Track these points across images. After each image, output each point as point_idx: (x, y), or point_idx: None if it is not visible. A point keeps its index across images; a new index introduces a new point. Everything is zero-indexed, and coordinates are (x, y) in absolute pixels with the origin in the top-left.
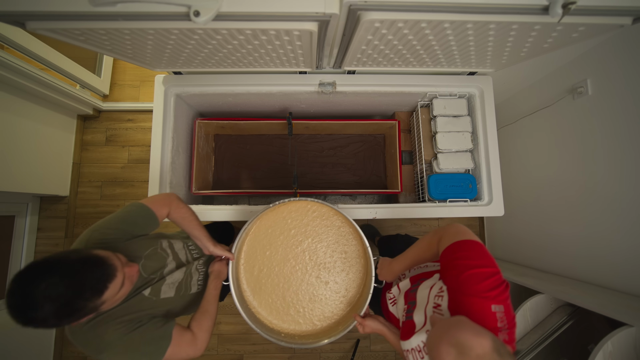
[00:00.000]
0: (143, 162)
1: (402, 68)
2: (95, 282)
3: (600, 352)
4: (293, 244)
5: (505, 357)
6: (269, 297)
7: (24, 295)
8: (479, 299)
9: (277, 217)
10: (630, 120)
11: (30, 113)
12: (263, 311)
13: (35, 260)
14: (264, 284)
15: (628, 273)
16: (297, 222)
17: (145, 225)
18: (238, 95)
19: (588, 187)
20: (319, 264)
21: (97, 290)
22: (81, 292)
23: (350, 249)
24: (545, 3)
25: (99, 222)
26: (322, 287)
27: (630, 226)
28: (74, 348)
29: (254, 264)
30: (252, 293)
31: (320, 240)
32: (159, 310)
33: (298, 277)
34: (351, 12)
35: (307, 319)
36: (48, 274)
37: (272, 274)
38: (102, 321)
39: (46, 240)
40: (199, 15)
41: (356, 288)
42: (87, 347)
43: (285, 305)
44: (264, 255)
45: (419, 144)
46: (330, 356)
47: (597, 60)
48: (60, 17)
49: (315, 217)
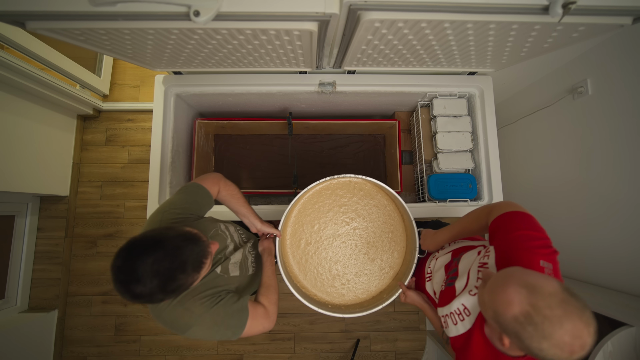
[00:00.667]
0: (143, 162)
1: (402, 68)
2: (195, 257)
3: (600, 352)
4: (344, 221)
5: (576, 296)
6: (315, 270)
7: (132, 271)
8: (528, 253)
9: (325, 194)
10: (631, 120)
11: (30, 113)
12: (308, 284)
13: (136, 237)
14: (311, 257)
15: (628, 273)
16: (346, 200)
17: (205, 205)
18: (238, 95)
19: (588, 187)
20: (369, 242)
21: (197, 265)
22: (184, 267)
23: (397, 228)
24: (545, 3)
25: (166, 204)
26: (368, 264)
27: (630, 226)
28: (74, 348)
29: (301, 237)
30: (297, 266)
31: (371, 220)
32: (231, 287)
33: (347, 253)
34: (351, 12)
35: (352, 292)
36: (152, 249)
37: (321, 248)
38: (187, 296)
39: (46, 240)
40: (199, 15)
41: (400, 264)
42: (177, 322)
43: (330, 278)
44: (312, 229)
45: (419, 144)
46: (330, 356)
47: (597, 60)
48: (60, 17)
49: (363, 195)
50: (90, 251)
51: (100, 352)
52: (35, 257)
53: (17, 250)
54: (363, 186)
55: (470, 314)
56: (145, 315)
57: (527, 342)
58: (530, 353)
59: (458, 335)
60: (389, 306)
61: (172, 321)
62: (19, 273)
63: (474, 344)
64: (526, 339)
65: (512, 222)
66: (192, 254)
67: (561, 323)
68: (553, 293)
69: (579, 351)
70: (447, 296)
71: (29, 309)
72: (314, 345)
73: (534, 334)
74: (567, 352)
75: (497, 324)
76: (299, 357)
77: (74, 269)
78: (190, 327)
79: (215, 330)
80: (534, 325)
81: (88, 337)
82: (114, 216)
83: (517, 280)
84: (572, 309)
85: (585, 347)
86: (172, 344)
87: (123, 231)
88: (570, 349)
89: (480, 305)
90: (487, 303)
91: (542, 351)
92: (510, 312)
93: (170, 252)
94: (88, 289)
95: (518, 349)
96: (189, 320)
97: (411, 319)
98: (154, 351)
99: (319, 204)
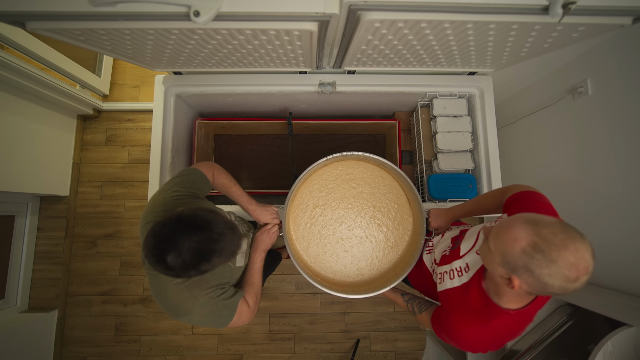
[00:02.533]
0: (143, 162)
1: (402, 68)
2: (232, 246)
3: (600, 352)
4: (350, 187)
5: (572, 226)
6: (319, 233)
7: (174, 243)
8: (541, 204)
9: (331, 169)
10: (631, 120)
11: (30, 113)
12: (312, 253)
13: (184, 213)
14: (316, 220)
15: (628, 273)
16: (352, 170)
17: (203, 187)
18: (238, 95)
19: (587, 186)
20: (375, 206)
21: (231, 254)
22: (221, 252)
23: (402, 203)
24: (545, 3)
25: (167, 185)
26: (375, 229)
27: (630, 226)
28: (74, 348)
29: (308, 203)
30: (303, 232)
31: (377, 187)
32: (233, 279)
33: (353, 213)
34: (351, 12)
35: (355, 264)
36: (200, 229)
37: (327, 209)
38: (195, 283)
39: (46, 240)
40: (199, 15)
41: (407, 243)
42: (179, 306)
43: (334, 242)
44: (320, 194)
45: (419, 144)
46: (330, 356)
47: (597, 60)
48: (60, 17)
49: (369, 168)
50: (90, 251)
51: (100, 352)
52: (35, 257)
53: (17, 250)
54: (370, 163)
55: (469, 270)
56: (145, 315)
57: (537, 272)
58: (539, 284)
59: (453, 288)
60: (389, 306)
61: (175, 304)
62: (19, 273)
63: (471, 294)
64: (536, 268)
65: (529, 197)
66: (230, 242)
67: (566, 245)
68: (554, 222)
69: (583, 273)
70: (450, 257)
71: (29, 309)
72: (314, 345)
73: (542, 260)
74: (573, 274)
75: (506, 265)
76: (299, 357)
77: (74, 269)
78: (191, 313)
79: (208, 318)
80: (542, 252)
81: (88, 337)
82: (114, 216)
83: (520, 219)
84: (573, 233)
85: (588, 269)
86: (172, 344)
87: (123, 231)
88: (576, 270)
89: (484, 258)
90: (493, 250)
91: (551, 277)
92: (518, 246)
93: (216, 237)
94: (88, 289)
95: (527, 285)
96: (192, 307)
97: (411, 318)
98: (154, 351)
99: (326, 174)
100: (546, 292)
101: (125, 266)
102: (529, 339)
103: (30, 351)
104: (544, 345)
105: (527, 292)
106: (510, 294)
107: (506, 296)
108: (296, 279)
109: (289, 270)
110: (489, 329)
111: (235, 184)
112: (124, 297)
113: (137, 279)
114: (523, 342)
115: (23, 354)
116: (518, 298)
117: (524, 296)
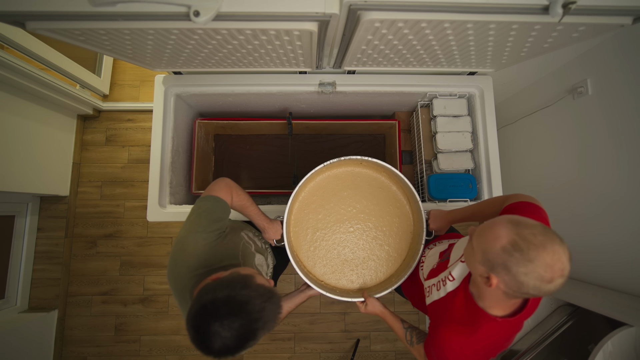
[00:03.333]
0: (143, 162)
1: (402, 68)
2: (273, 316)
3: (600, 352)
4: (349, 205)
5: (554, 231)
6: (324, 257)
7: (216, 335)
8: (535, 217)
9: (326, 181)
10: (631, 120)
11: (30, 113)
12: (318, 271)
13: (219, 299)
14: (319, 246)
15: (628, 273)
16: (348, 184)
17: (225, 218)
18: (238, 95)
19: (588, 186)
20: (377, 227)
21: (274, 323)
22: (265, 326)
23: (403, 212)
24: (545, 3)
25: (190, 227)
26: (377, 249)
27: (630, 226)
28: (74, 348)
29: (308, 226)
30: (307, 254)
31: (377, 203)
32: None
33: (355, 237)
34: (351, 12)
35: (360, 278)
36: (239, 314)
37: (329, 234)
38: None
39: (46, 240)
40: (199, 15)
41: (407, 249)
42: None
43: (339, 264)
44: (317, 219)
45: (419, 144)
46: (330, 356)
47: (597, 60)
48: (60, 17)
49: (365, 177)
50: (90, 251)
51: (100, 352)
52: (35, 257)
53: (17, 250)
54: (365, 168)
55: (455, 280)
56: (145, 315)
57: (514, 269)
58: (515, 283)
59: (439, 299)
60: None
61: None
62: (19, 273)
63: (457, 301)
64: (513, 265)
65: (525, 207)
66: (271, 313)
67: (544, 246)
68: (536, 224)
69: (558, 275)
70: (438, 269)
71: (29, 309)
72: (314, 345)
73: (520, 259)
74: (548, 275)
75: (486, 262)
76: (299, 357)
77: (74, 269)
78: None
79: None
80: (520, 251)
81: (88, 337)
82: (114, 216)
83: (504, 219)
84: (552, 236)
85: (564, 272)
86: (172, 344)
87: (123, 231)
88: (551, 272)
89: (467, 257)
90: (475, 248)
91: (527, 275)
92: (499, 244)
93: (256, 317)
94: (88, 289)
95: (504, 284)
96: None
97: (411, 319)
98: (154, 351)
99: (322, 190)
100: (521, 293)
101: (125, 266)
102: (529, 339)
103: (30, 351)
104: (544, 345)
105: (504, 293)
106: (491, 297)
107: (488, 299)
108: (296, 279)
109: (288, 270)
110: (476, 339)
111: (252, 203)
112: (124, 297)
113: (137, 279)
114: (523, 342)
115: (23, 354)
116: (499, 302)
117: (503, 300)
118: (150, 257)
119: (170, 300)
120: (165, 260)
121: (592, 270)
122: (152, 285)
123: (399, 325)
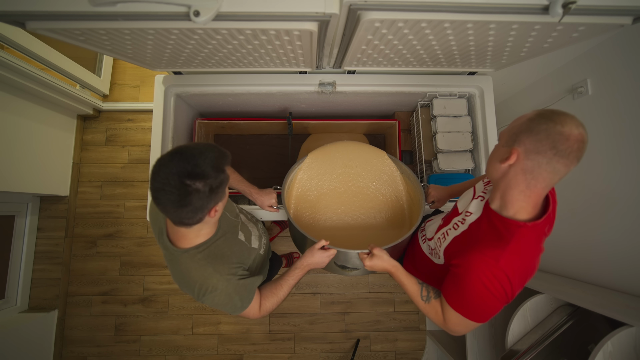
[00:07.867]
0: (143, 162)
1: (402, 68)
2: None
3: (600, 352)
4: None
5: None
6: (325, 208)
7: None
8: None
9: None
10: (631, 120)
11: (30, 113)
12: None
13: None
14: (319, 202)
15: (628, 273)
16: (353, 154)
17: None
18: (238, 95)
19: (587, 186)
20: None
21: (226, 161)
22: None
23: (398, 185)
24: (545, 3)
25: None
26: (375, 217)
27: (629, 226)
28: (74, 348)
29: (309, 189)
30: (310, 211)
31: (374, 181)
32: (249, 259)
33: (360, 199)
34: (351, 12)
35: (362, 241)
36: (208, 148)
37: (334, 194)
38: (218, 258)
39: (46, 240)
40: (199, 15)
41: (409, 213)
42: (205, 282)
43: (342, 225)
44: (322, 181)
45: (419, 144)
46: (330, 356)
47: (597, 60)
48: (60, 17)
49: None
50: (90, 251)
51: (100, 352)
52: (35, 257)
53: (17, 250)
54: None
55: (474, 213)
56: (145, 315)
57: (536, 128)
58: (533, 142)
59: (462, 232)
60: (388, 306)
61: (200, 280)
62: (19, 273)
63: (482, 226)
64: (535, 126)
65: None
66: (220, 157)
67: (566, 117)
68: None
69: (576, 137)
70: (448, 219)
71: (29, 309)
72: (314, 345)
73: (542, 120)
74: (567, 131)
75: (510, 138)
76: (299, 357)
77: (74, 269)
78: (216, 289)
79: (230, 297)
80: (545, 117)
81: (88, 337)
82: (114, 216)
83: (531, 111)
84: (571, 114)
85: (582, 137)
86: (172, 344)
87: (123, 231)
88: (569, 128)
89: (491, 160)
90: (501, 135)
91: (547, 131)
92: (525, 117)
93: (216, 153)
94: (88, 289)
95: (524, 149)
96: (217, 282)
97: (411, 319)
98: (154, 351)
99: (329, 155)
100: (538, 153)
101: (125, 266)
102: (529, 339)
103: (30, 351)
104: (544, 345)
105: (522, 172)
106: (513, 195)
107: (510, 200)
108: None
109: None
110: (510, 250)
111: (233, 171)
112: (124, 297)
113: (137, 279)
114: (523, 342)
115: (23, 354)
116: (522, 199)
117: (525, 195)
118: (150, 257)
119: (170, 300)
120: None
121: (592, 270)
122: (152, 285)
123: (412, 280)
